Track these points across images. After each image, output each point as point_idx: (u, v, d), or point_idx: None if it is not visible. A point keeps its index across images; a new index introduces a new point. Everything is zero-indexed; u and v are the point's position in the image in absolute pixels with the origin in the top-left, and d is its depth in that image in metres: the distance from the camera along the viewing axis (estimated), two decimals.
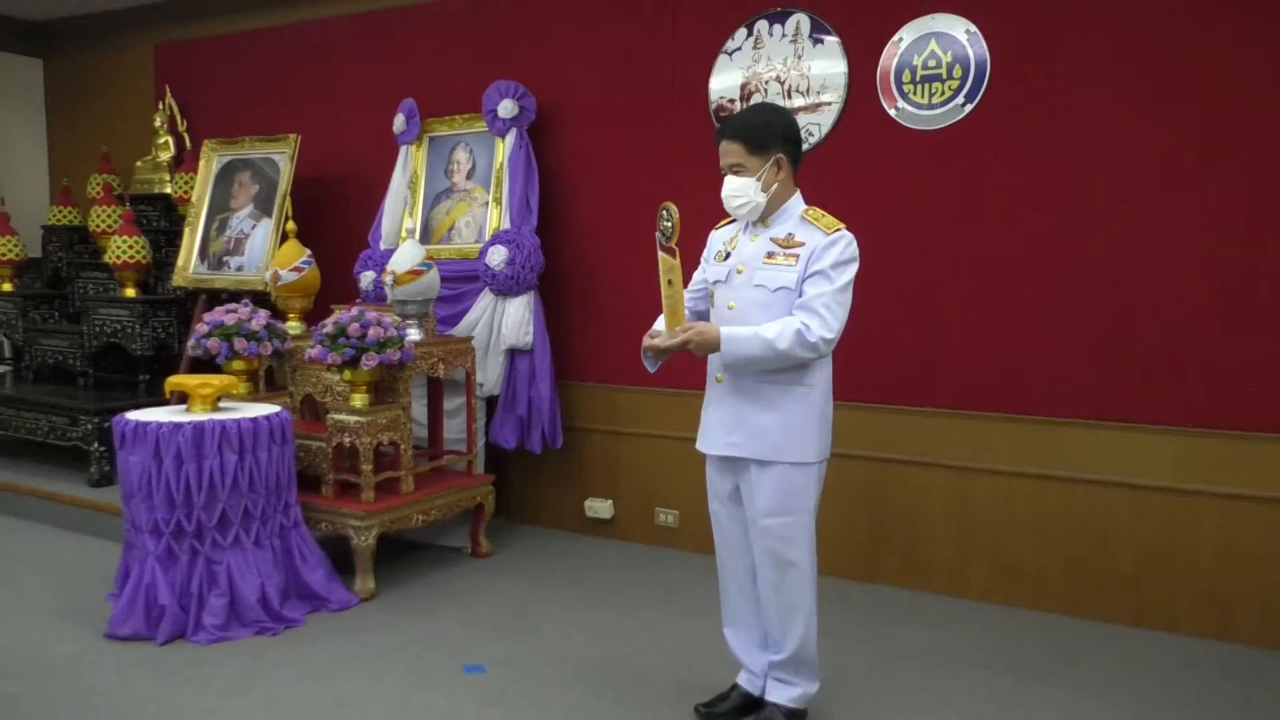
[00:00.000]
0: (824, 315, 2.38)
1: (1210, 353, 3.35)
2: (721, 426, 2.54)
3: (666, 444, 4.32)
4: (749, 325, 2.46)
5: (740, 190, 2.48)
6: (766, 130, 2.47)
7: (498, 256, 4.27)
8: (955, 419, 3.73)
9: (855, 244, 2.44)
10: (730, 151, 2.48)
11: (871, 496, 3.89)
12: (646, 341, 2.54)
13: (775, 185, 2.48)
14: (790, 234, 2.47)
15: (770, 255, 2.47)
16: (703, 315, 2.69)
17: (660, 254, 2.44)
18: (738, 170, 2.48)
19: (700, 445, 2.61)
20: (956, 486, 3.74)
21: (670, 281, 2.42)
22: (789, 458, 2.45)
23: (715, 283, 2.59)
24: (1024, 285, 3.61)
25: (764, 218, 2.52)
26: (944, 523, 3.77)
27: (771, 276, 2.45)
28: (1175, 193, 3.38)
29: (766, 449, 2.47)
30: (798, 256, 2.42)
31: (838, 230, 2.44)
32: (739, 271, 2.52)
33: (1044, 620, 3.54)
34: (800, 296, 2.41)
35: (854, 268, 2.43)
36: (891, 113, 3.79)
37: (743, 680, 2.75)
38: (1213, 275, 3.33)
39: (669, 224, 2.42)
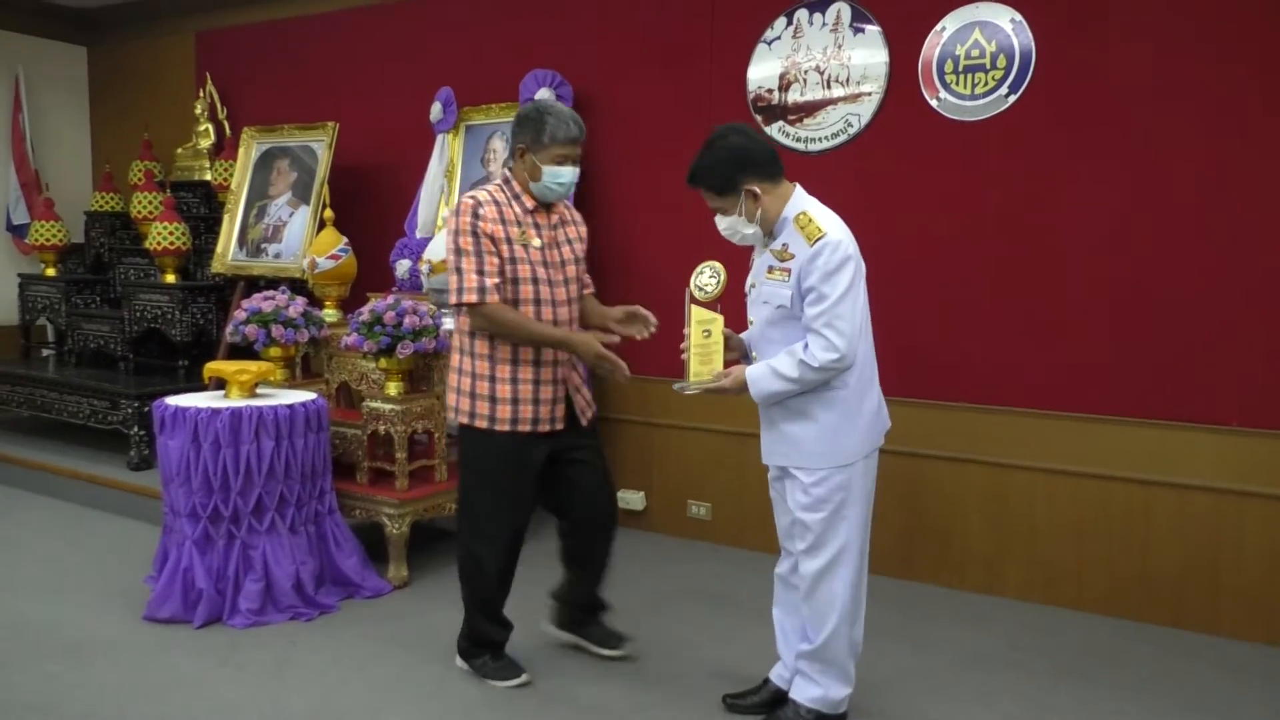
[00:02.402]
0: (825, 335, 2.35)
1: (1264, 350, 3.26)
2: (765, 435, 2.57)
3: (699, 435, 4.30)
4: (764, 341, 2.51)
5: (730, 228, 2.53)
6: (726, 168, 2.45)
7: None
8: (993, 415, 3.68)
9: (843, 245, 2.38)
10: (705, 196, 2.52)
11: (907, 492, 3.85)
12: (684, 390, 2.57)
13: (760, 211, 2.47)
14: (785, 244, 2.44)
15: (770, 270, 2.46)
16: None
17: (694, 307, 2.49)
18: (719, 210, 2.51)
19: (763, 455, 2.62)
20: (994, 483, 3.69)
21: (708, 333, 2.50)
22: (826, 462, 2.45)
23: (747, 292, 2.61)
24: (1068, 279, 3.55)
25: (766, 232, 2.52)
26: (981, 520, 3.73)
27: (772, 293, 2.46)
28: (1227, 185, 3.30)
29: (804, 457, 2.47)
30: (789, 271, 2.41)
31: (820, 239, 2.37)
32: (753, 286, 2.55)
33: (1082, 620, 3.49)
34: (804, 315, 2.41)
35: (848, 272, 2.36)
36: (933, 103, 3.74)
37: (775, 675, 2.74)
38: (1268, 271, 3.25)
39: (714, 281, 2.50)
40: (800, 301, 2.40)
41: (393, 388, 3.74)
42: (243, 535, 3.35)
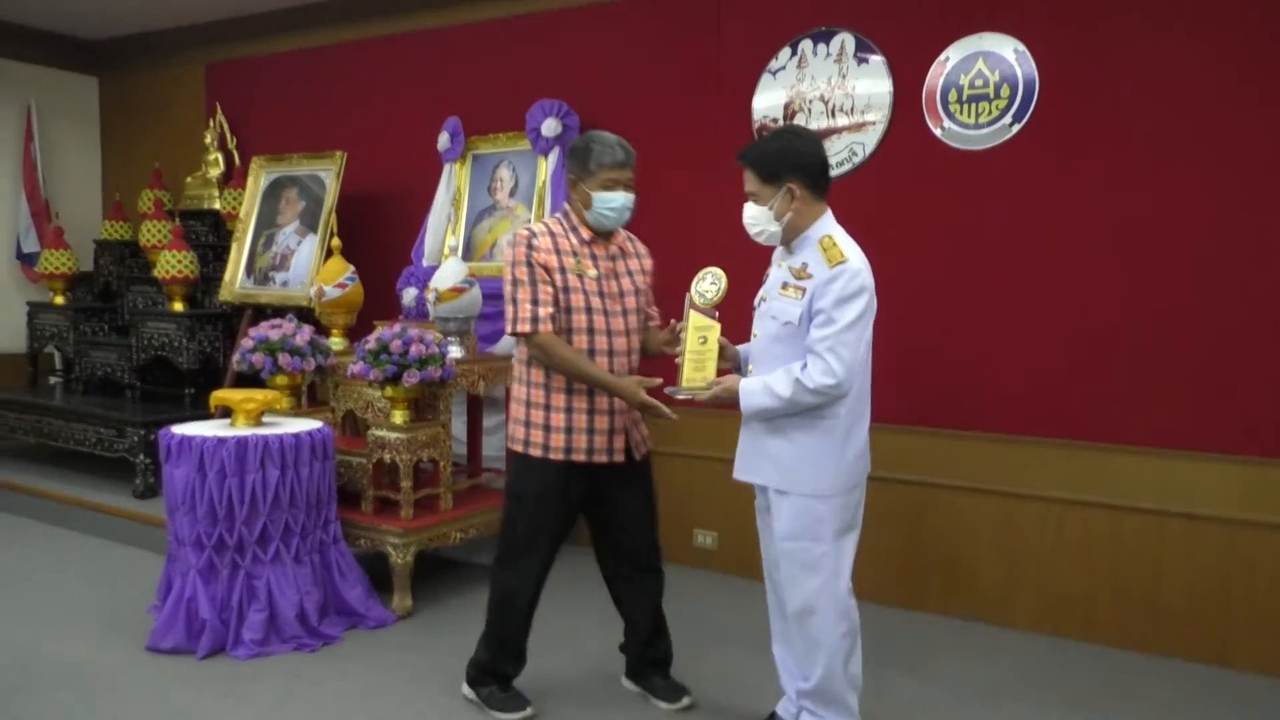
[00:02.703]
0: (826, 359, 2.33)
1: (1278, 379, 3.25)
2: (745, 452, 2.56)
3: (705, 465, 4.28)
4: (766, 355, 2.48)
5: (754, 219, 2.50)
6: (778, 159, 2.46)
7: None
8: (1001, 443, 3.66)
9: (861, 275, 2.38)
10: (746, 178, 2.50)
11: (913, 522, 3.82)
12: (673, 395, 2.57)
13: (789, 214, 2.46)
14: (805, 264, 2.43)
15: (784, 286, 2.45)
16: None
17: (693, 312, 2.54)
18: (752, 197, 2.49)
19: (736, 472, 2.61)
20: (1003, 513, 3.66)
21: (704, 339, 2.52)
22: (805, 489, 2.43)
23: (755, 306, 2.61)
24: (1073, 306, 3.54)
25: (787, 243, 2.51)
26: (990, 550, 3.70)
27: (782, 309, 2.45)
28: (1230, 214, 3.30)
29: (782, 479, 2.46)
30: (804, 290, 2.40)
31: (840, 264, 2.37)
32: (763, 300, 2.54)
33: (1094, 652, 3.45)
34: (808, 336, 2.39)
35: (860, 302, 2.36)
36: (937, 133, 3.75)
37: (781, 710, 2.70)
38: (1277, 299, 3.24)
39: (714, 288, 2.54)
40: (808, 322, 2.39)
41: (398, 416, 3.74)
42: (247, 565, 3.33)
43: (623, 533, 2.88)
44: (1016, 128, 3.60)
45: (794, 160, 2.46)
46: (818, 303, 2.37)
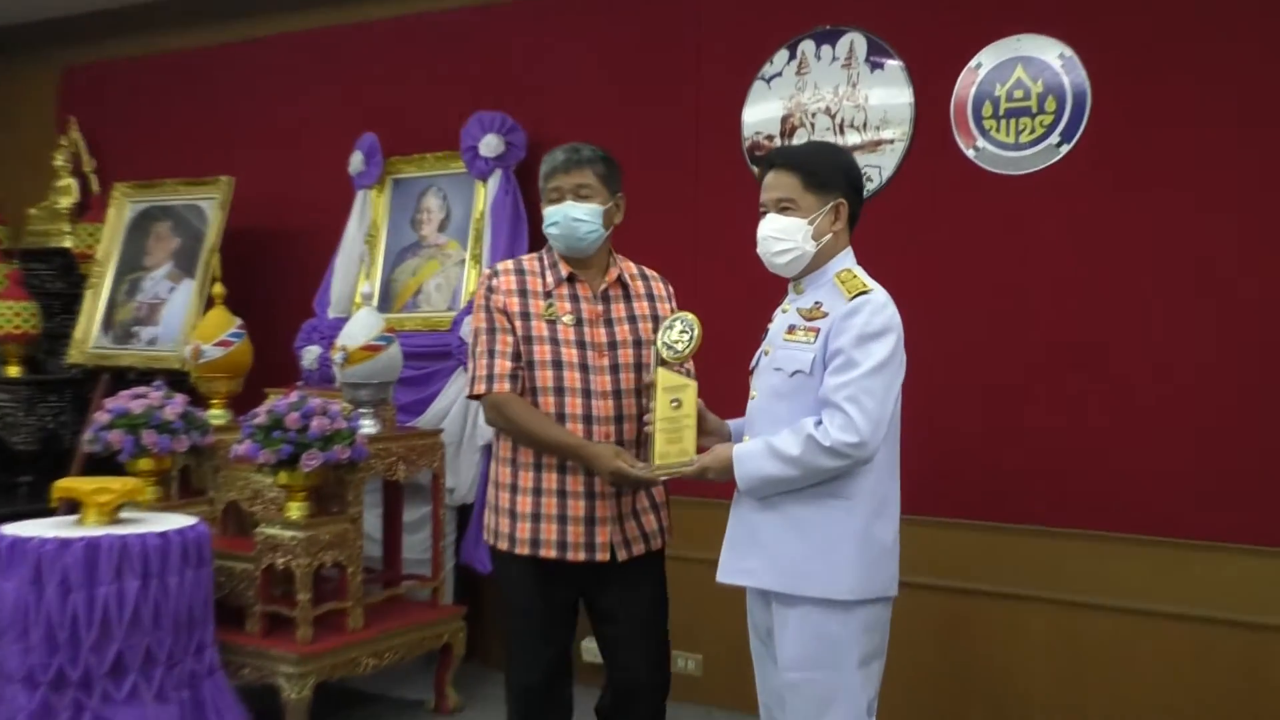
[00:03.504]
0: (846, 411, 2.33)
1: None
2: (736, 547, 2.54)
3: (686, 568, 4.19)
4: (767, 418, 2.49)
5: (785, 232, 2.49)
6: (832, 165, 2.53)
7: None
8: (1059, 539, 3.67)
9: (889, 310, 2.43)
10: (780, 185, 2.52)
11: (951, 637, 3.80)
12: (642, 472, 2.59)
13: (829, 236, 2.50)
14: (818, 302, 2.48)
15: (791, 330, 2.48)
16: None
17: (661, 370, 2.58)
18: (786, 208, 2.50)
19: (719, 572, 2.59)
20: (1062, 626, 3.65)
21: (678, 402, 2.54)
22: (814, 591, 2.40)
23: (752, 369, 2.63)
24: (1144, 370, 3.58)
25: (799, 279, 2.55)
26: (1046, 671, 3.68)
27: (788, 357, 2.46)
28: None
29: (786, 579, 2.44)
30: (817, 331, 2.43)
31: (861, 294, 2.42)
32: (765, 353, 2.56)
33: None
34: (822, 386, 2.40)
35: (888, 342, 2.39)
36: (969, 154, 3.82)
37: None
38: None
39: (686, 338, 2.58)
40: (822, 369, 2.40)
41: (295, 509, 3.70)
42: (94, 705, 3.23)
43: (614, 659, 2.90)
44: (1065, 148, 3.67)
45: (849, 173, 2.54)
46: (835, 342, 2.39)
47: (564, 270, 2.82)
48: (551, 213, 2.80)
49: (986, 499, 3.79)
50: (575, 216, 2.78)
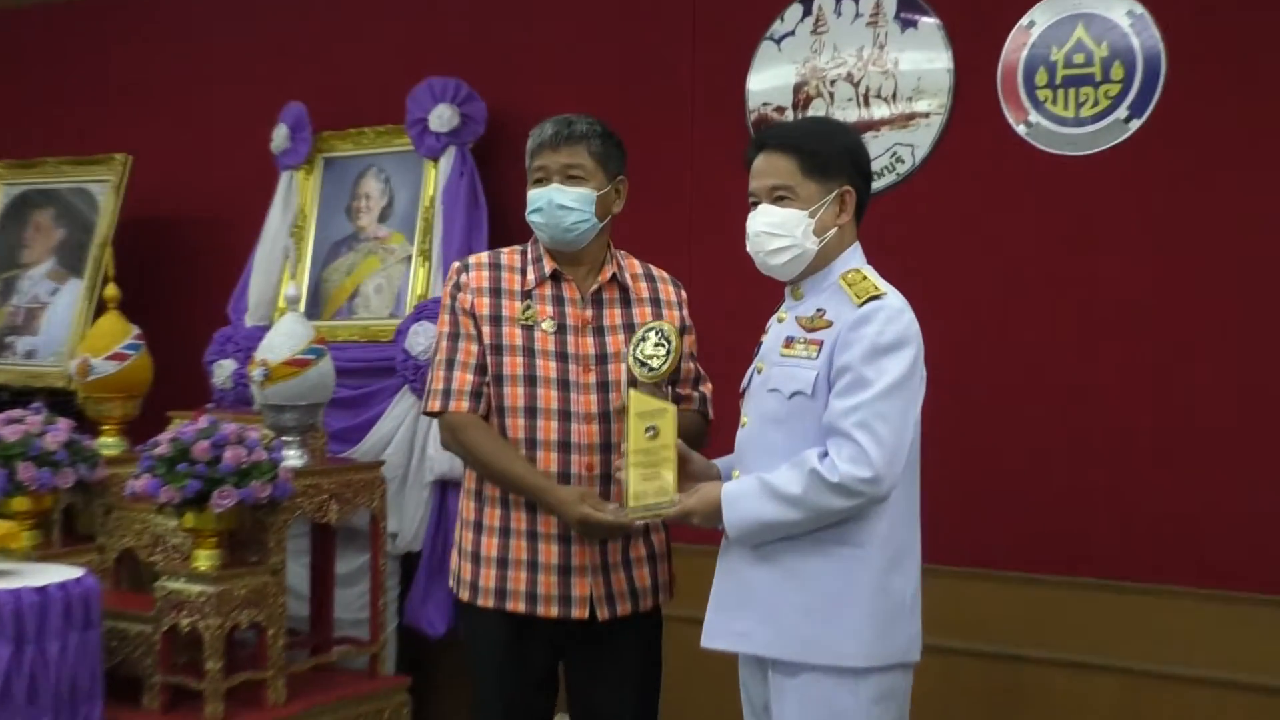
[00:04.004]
0: (857, 440, 2.32)
1: None
2: (725, 606, 2.55)
3: (674, 629, 4.18)
4: (760, 449, 2.50)
5: (782, 225, 2.48)
6: (835, 148, 2.53)
7: (424, 338, 4.25)
8: (1129, 595, 3.64)
9: (907, 317, 2.43)
10: (773, 169, 2.52)
11: (990, 714, 3.79)
12: (613, 516, 2.59)
13: (833, 230, 2.50)
14: (820, 310, 2.48)
15: (789, 343, 2.49)
16: None
17: (634, 392, 2.59)
18: (782, 197, 2.50)
19: (704, 635, 2.59)
20: (1132, 699, 3.62)
21: (654, 430, 2.54)
22: (819, 658, 2.40)
23: (742, 390, 2.66)
24: (1231, 390, 3.56)
25: (798, 282, 2.55)
26: None
27: (787, 375, 2.47)
28: None
29: (785, 643, 2.43)
30: (821, 344, 2.43)
31: (872, 299, 2.41)
32: (758, 370, 2.58)
33: None
34: (827, 410, 2.40)
35: (906, 356, 2.39)
36: (1020, 130, 3.80)
37: None
38: None
39: (662, 351, 2.61)
40: (827, 390, 2.39)
41: (204, 559, 3.66)
42: None
43: None
44: (1135, 124, 3.65)
45: (855, 155, 2.54)
46: (841, 357, 2.38)
47: (548, 266, 2.82)
48: (535, 197, 2.81)
49: (1032, 545, 3.77)
50: (561, 203, 2.77)
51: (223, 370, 4.66)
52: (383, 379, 4.43)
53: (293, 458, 3.89)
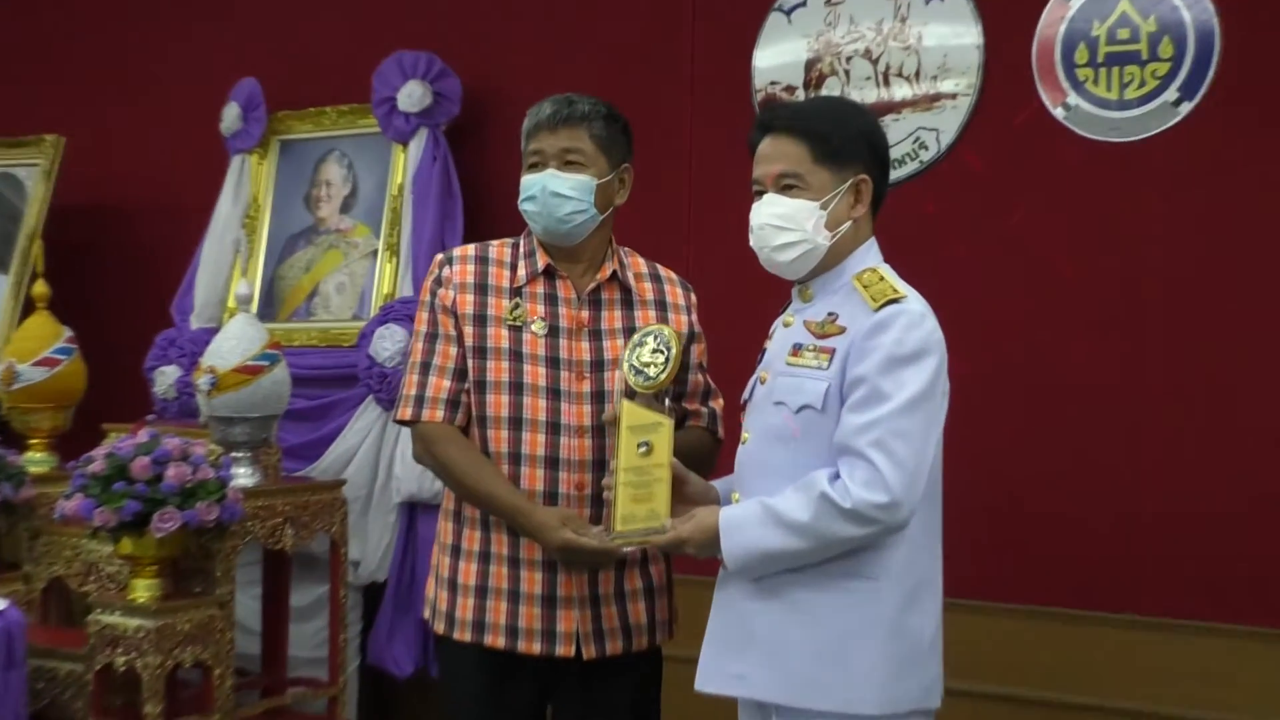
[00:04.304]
0: (872, 460, 2.30)
1: None
2: (723, 645, 2.54)
3: (669, 669, 4.18)
4: (763, 469, 2.49)
5: (790, 218, 2.46)
6: (848, 130, 2.51)
7: (391, 343, 4.25)
8: (1182, 635, 3.63)
9: (928, 322, 2.40)
10: (781, 154, 2.50)
11: None
12: (598, 541, 2.57)
13: (847, 224, 2.49)
14: (832, 313, 2.47)
15: (797, 351, 2.48)
16: None
17: (626, 404, 2.59)
18: (790, 186, 2.48)
19: (698, 677, 2.57)
20: None
21: (647, 446, 2.52)
22: (828, 703, 2.38)
23: (744, 402, 2.65)
24: None
25: (807, 282, 2.55)
26: None
27: (793, 387, 2.44)
28: None
29: (790, 687, 2.41)
30: (833, 352, 2.41)
31: (890, 303, 2.39)
32: (762, 380, 2.57)
33: None
34: (839, 427, 2.38)
35: (928, 367, 2.37)
36: (1057, 113, 3.81)
37: None
38: None
39: (660, 358, 2.58)
40: (839, 403, 2.38)
41: (143, 590, 3.63)
42: None
43: None
44: (1186, 107, 3.65)
45: (873, 140, 2.52)
46: (856, 367, 2.36)
47: (541, 261, 2.81)
48: (528, 183, 2.78)
49: (1070, 576, 3.76)
50: (557, 191, 2.75)
51: (165, 378, 4.65)
52: (344, 388, 4.43)
53: (243, 476, 3.89)
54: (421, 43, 4.62)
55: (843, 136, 2.48)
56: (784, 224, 2.47)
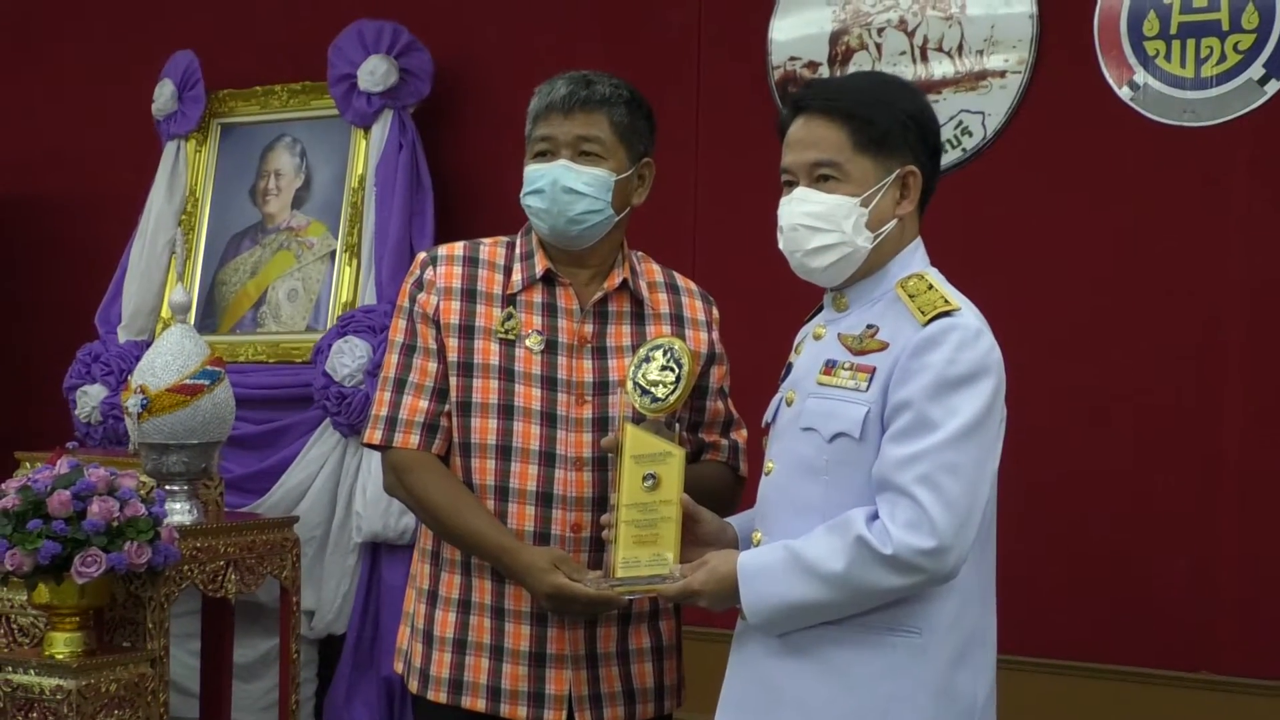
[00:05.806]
0: (917, 498, 2.28)
1: None
2: (742, 708, 2.52)
3: None
4: (790, 505, 2.47)
5: (826, 216, 2.44)
6: (895, 113, 2.48)
7: (351, 358, 4.25)
8: (1267, 695, 3.63)
9: (985, 339, 2.38)
10: (816, 140, 2.47)
11: None
12: (596, 588, 2.57)
13: (892, 222, 2.47)
14: (872, 325, 2.45)
15: (830, 368, 2.45)
16: None
17: (631, 429, 2.57)
18: (826, 177, 2.46)
19: None
20: None
21: (653, 479, 2.52)
22: None
23: (766, 425, 2.64)
24: None
25: (843, 289, 2.53)
26: None
27: (828, 410, 2.42)
28: None
29: None
30: (873, 371, 2.39)
31: (942, 316, 2.36)
32: (788, 402, 2.55)
33: None
34: (879, 460, 2.36)
35: (985, 390, 2.34)
36: (1122, 93, 3.82)
37: None
38: None
39: (670, 377, 2.57)
40: (880, 432, 2.36)
41: (62, 644, 3.62)
42: None
43: None
44: (1273, 86, 3.67)
45: (922, 125, 2.49)
46: (900, 390, 2.33)
47: (540, 265, 2.78)
48: (534, 174, 2.75)
49: (1137, 632, 3.78)
50: (570, 186, 2.72)
51: (88, 399, 4.67)
52: (297, 411, 4.45)
53: (179, 513, 3.88)
54: (385, 11, 4.62)
55: (888, 121, 2.46)
56: (819, 224, 2.45)
